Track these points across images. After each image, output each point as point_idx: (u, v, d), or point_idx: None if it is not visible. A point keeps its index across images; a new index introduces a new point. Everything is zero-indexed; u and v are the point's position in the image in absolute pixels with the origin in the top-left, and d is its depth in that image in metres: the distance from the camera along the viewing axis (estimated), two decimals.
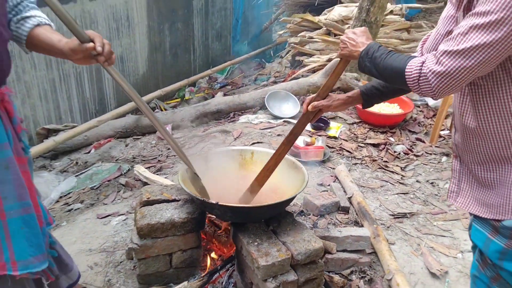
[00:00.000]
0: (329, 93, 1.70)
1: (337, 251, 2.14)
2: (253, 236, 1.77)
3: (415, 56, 1.31)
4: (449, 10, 1.35)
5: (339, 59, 1.62)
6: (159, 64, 5.92)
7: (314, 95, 1.71)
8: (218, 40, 7.26)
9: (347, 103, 1.69)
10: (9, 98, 1.28)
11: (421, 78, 1.23)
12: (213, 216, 2.12)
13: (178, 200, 1.98)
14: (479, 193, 1.35)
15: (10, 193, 1.24)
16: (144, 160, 3.46)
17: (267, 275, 1.65)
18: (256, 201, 1.88)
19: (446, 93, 1.22)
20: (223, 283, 1.94)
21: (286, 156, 1.95)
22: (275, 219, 1.88)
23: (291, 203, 2.19)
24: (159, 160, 3.42)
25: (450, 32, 1.29)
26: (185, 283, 1.87)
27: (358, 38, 1.48)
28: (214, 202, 1.68)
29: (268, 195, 1.94)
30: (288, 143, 1.79)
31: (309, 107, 1.69)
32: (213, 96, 5.22)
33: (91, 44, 1.27)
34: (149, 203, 1.96)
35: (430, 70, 1.20)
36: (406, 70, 1.27)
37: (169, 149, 3.64)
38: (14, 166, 1.24)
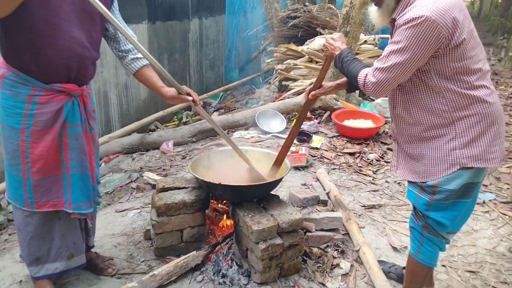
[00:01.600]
0: (322, 83, 2.20)
1: (316, 230, 2.64)
2: (247, 211, 2.27)
3: (366, 66, 1.86)
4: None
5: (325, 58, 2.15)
6: None
7: (312, 86, 2.20)
8: (212, 69, 7.88)
9: (336, 88, 2.18)
10: (87, 94, 1.86)
11: (365, 85, 1.78)
12: (217, 203, 2.62)
13: (187, 188, 2.48)
14: (410, 165, 1.90)
15: (75, 156, 1.80)
16: (150, 170, 3.94)
17: (259, 239, 2.13)
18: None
19: (381, 95, 1.78)
20: (224, 253, 2.41)
21: (272, 152, 2.48)
22: (264, 199, 2.39)
23: (278, 190, 2.69)
24: (164, 169, 3.91)
25: None
26: (194, 252, 2.34)
27: (335, 42, 1.98)
28: (217, 182, 2.19)
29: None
30: (298, 125, 2.28)
31: (310, 95, 2.18)
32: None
33: (191, 98, 2.01)
34: (164, 190, 2.46)
35: (369, 81, 1.76)
36: (357, 77, 1.82)
37: (171, 160, 4.14)
38: (82, 140, 1.80)
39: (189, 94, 2.07)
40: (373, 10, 1.84)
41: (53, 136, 1.74)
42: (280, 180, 2.34)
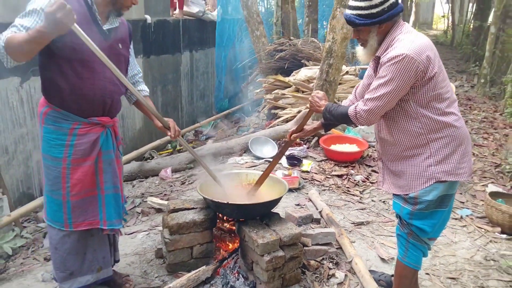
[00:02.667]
0: (303, 127, 2.56)
1: (312, 244, 2.91)
2: (252, 227, 2.53)
3: (350, 106, 2.16)
4: (369, 71, 2.29)
5: (308, 110, 2.51)
6: None
7: (294, 129, 2.57)
8: (202, 99, 8.23)
9: (314, 131, 2.56)
10: (117, 124, 2.15)
11: (357, 115, 2.09)
12: (222, 223, 2.87)
13: (196, 208, 2.74)
14: (394, 180, 2.22)
15: (109, 179, 2.06)
16: (152, 195, 4.17)
17: (264, 251, 2.39)
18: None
19: (372, 121, 2.10)
20: (231, 267, 2.66)
21: (272, 175, 2.78)
22: (266, 216, 2.66)
23: (275, 210, 2.96)
24: (165, 194, 4.15)
25: (369, 84, 2.19)
26: (204, 267, 2.58)
27: (320, 101, 2.32)
28: (225, 202, 2.47)
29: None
30: (277, 158, 2.69)
31: (291, 137, 2.57)
32: (202, 146, 6.03)
33: (169, 133, 2.28)
34: (175, 210, 2.71)
35: (361, 109, 2.07)
36: (348, 113, 2.13)
37: (171, 185, 4.38)
38: (114, 164, 2.07)
39: (169, 128, 2.31)
40: (359, 49, 2.17)
41: (91, 163, 2.00)
42: (279, 199, 2.63)
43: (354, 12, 1.99)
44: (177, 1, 7.55)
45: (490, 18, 9.71)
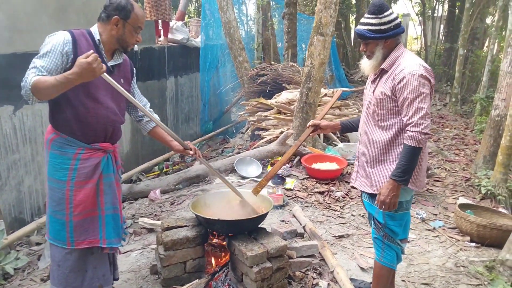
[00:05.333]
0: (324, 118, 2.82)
1: (297, 257, 3.13)
2: (241, 241, 2.74)
3: (406, 144, 2.20)
4: (368, 84, 2.57)
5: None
6: (139, 144, 6.94)
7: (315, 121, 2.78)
8: (187, 122, 8.45)
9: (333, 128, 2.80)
10: (117, 150, 2.35)
11: (422, 138, 2.17)
12: (213, 239, 3.07)
13: (188, 225, 2.94)
14: (365, 179, 2.48)
15: (109, 200, 2.25)
16: (142, 216, 4.33)
17: (252, 263, 2.60)
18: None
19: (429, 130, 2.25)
20: (222, 279, 2.85)
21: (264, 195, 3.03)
22: (254, 231, 2.88)
23: (263, 225, 3.18)
24: (155, 215, 4.31)
25: (381, 94, 2.35)
26: (197, 280, 2.77)
27: (389, 192, 2.24)
28: (215, 218, 2.68)
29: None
30: (295, 146, 2.84)
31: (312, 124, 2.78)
32: (187, 167, 6.23)
33: (192, 152, 2.52)
34: (169, 228, 2.91)
35: (419, 129, 2.16)
36: (414, 146, 2.18)
37: (160, 206, 4.56)
38: (114, 186, 2.27)
39: (191, 149, 2.60)
40: (364, 62, 2.46)
41: (92, 185, 2.20)
42: (266, 214, 2.85)
43: (366, 27, 2.31)
44: (162, 29, 7.84)
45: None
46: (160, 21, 7.88)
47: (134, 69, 2.53)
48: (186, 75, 8.29)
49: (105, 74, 1.97)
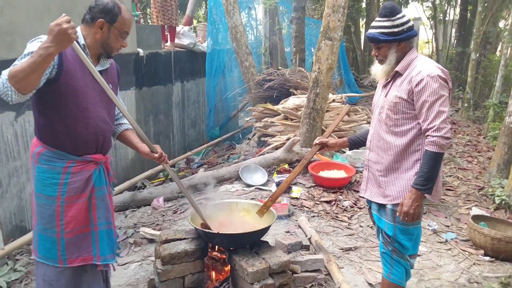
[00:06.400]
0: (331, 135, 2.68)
1: (301, 271, 3.00)
2: (242, 256, 2.61)
3: (428, 151, 2.09)
4: (379, 89, 2.44)
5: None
6: None
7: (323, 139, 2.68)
8: (193, 127, 8.37)
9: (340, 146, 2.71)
10: (109, 161, 2.24)
11: (444, 143, 2.06)
12: (213, 252, 2.95)
13: (187, 238, 2.82)
14: (377, 189, 2.35)
15: (102, 215, 2.14)
16: (144, 225, 4.24)
17: (253, 280, 2.47)
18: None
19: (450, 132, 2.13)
20: None
21: (259, 203, 2.89)
22: (256, 245, 2.75)
23: (265, 238, 3.05)
24: (157, 224, 4.21)
25: (396, 98, 2.23)
26: None
27: (412, 201, 2.13)
28: (215, 232, 2.56)
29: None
30: (302, 165, 2.70)
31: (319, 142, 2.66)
32: (192, 174, 6.14)
33: (156, 155, 2.33)
34: (167, 241, 2.79)
35: (440, 134, 2.05)
36: (437, 152, 2.07)
37: (163, 215, 4.45)
38: (107, 200, 2.16)
39: (156, 153, 2.35)
40: (376, 67, 2.35)
41: (84, 200, 2.08)
42: (268, 227, 2.72)
43: (378, 30, 2.21)
44: (169, 34, 7.79)
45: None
46: (166, 26, 7.83)
47: (120, 72, 2.42)
48: (193, 80, 8.22)
49: (75, 43, 1.79)
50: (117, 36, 2.09)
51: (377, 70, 2.35)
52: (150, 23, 10.62)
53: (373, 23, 2.27)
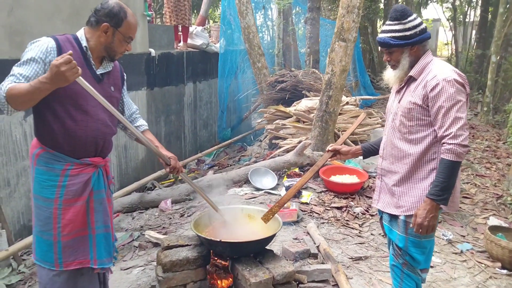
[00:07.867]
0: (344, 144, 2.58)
1: (308, 281, 2.89)
2: (245, 265, 2.52)
3: (444, 159, 1.97)
4: (392, 95, 2.33)
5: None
6: None
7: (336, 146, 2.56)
8: (205, 128, 8.32)
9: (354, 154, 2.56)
10: (108, 164, 2.19)
11: (464, 146, 1.94)
12: (216, 259, 2.86)
13: (190, 245, 2.74)
14: (390, 199, 2.23)
15: (100, 218, 2.09)
16: (150, 228, 4.18)
17: None
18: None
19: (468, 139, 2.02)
20: None
21: (265, 209, 2.79)
22: (260, 254, 2.65)
23: (272, 245, 2.96)
24: (163, 227, 4.15)
25: (411, 105, 2.11)
26: None
27: (427, 213, 2.00)
28: (217, 240, 2.47)
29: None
30: (312, 171, 2.60)
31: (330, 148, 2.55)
32: (203, 176, 6.07)
33: (167, 170, 2.31)
34: (169, 247, 2.72)
35: (457, 141, 1.93)
36: (454, 161, 1.94)
37: (170, 218, 4.39)
38: (105, 203, 2.11)
39: (169, 165, 2.34)
40: (388, 72, 2.25)
41: (82, 203, 2.03)
42: (273, 236, 2.63)
43: (389, 34, 2.11)
44: (182, 34, 7.75)
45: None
46: (179, 26, 7.79)
47: (125, 74, 2.36)
48: (205, 80, 8.17)
49: (80, 78, 1.79)
50: (121, 40, 2.06)
51: (390, 76, 2.24)
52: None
53: (384, 27, 2.17)
